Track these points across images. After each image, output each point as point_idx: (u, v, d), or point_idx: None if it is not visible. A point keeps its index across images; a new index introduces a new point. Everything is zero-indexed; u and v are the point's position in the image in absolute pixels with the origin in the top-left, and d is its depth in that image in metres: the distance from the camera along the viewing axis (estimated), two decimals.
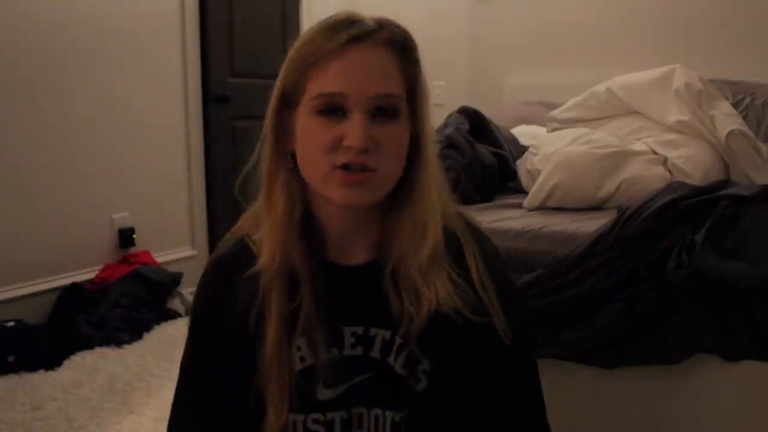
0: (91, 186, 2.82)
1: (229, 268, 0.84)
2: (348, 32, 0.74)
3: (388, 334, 0.80)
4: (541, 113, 2.63)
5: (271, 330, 0.77)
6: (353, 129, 0.72)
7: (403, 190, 0.80)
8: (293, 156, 0.80)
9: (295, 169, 0.80)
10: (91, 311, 2.58)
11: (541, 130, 2.44)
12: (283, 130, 0.80)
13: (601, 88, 2.23)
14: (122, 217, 2.95)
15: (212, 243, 3.37)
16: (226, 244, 0.87)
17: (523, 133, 2.42)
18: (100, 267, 2.84)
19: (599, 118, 2.21)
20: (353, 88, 0.73)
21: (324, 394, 0.80)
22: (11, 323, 2.42)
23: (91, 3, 2.74)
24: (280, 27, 3.73)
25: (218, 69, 3.34)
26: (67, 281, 2.70)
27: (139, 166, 3.01)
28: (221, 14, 3.33)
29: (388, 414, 0.80)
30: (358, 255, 0.83)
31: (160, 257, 3.06)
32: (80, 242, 2.78)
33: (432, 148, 0.80)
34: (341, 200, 0.75)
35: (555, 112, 2.35)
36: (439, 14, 3.56)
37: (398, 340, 0.80)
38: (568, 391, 1.49)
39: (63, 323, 2.54)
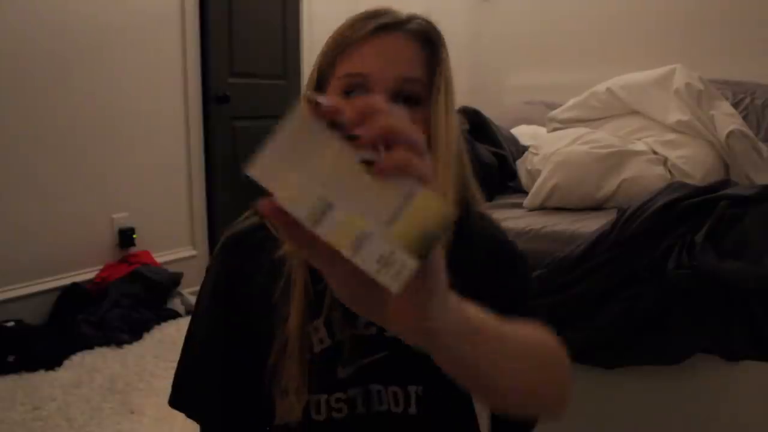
0: (91, 186, 2.82)
1: (247, 247, 0.85)
2: (377, 21, 0.78)
3: None
4: (541, 113, 2.63)
5: (295, 312, 0.78)
6: None
7: None
8: None
9: None
10: (91, 311, 2.58)
11: (541, 130, 2.44)
12: None
13: (601, 88, 2.23)
14: (122, 217, 2.95)
15: (212, 243, 3.37)
16: (240, 225, 0.87)
17: (523, 133, 2.42)
18: (100, 267, 2.84)
19: (599, 118, 2.21)
20: (377, 70, 0.76)
21: (343, 372, 0.81)
22: (11, 323, 2.42)
23: (91, 3, 2.74)
24: (280, 27, 3.73)
25: (218, 69, 3.34)
26: (67, 281, 2.70)
27: (139, 166, 3.01)
28: (221, 14, 3.33)
29: (411, 388, 0.81)
30: None
31: (160, 257, 3.06)
32: (80, 242, 2.78)
33: (448, 143, 0.80)
34: None
35: (555, 112, 2.35)
36: (440, 14, 3.52)
37: None
38: None
39: (63, 323, 2.54)
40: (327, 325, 0.81)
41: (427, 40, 0.80)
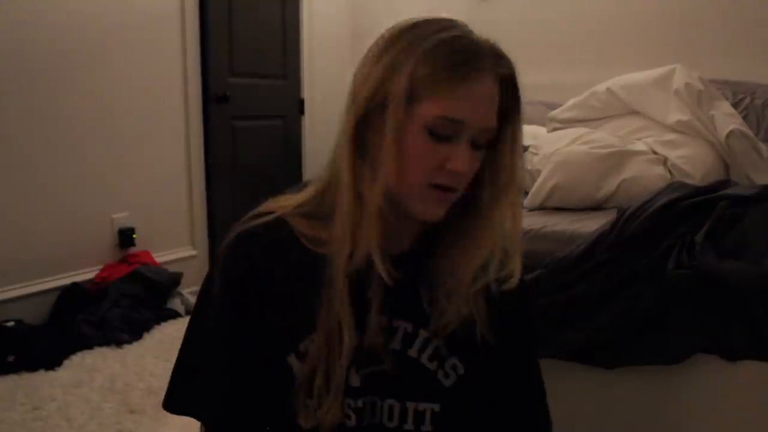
0: (91, 186, 2.82)
1: (262, 244, 0.83)
2: (474, 64, 0.76)
3: (410, 327, 0.82)
4: (541, 113, 2.63)
5: (345, 315, 0.78)
6: (462, 156, 0.75)
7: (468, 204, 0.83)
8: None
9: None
10: (91, 311, 2.58)
11: (541, 130, 2.44)
12: (366, 128, 0.78)
13: (601, 88, 2.23)
14: (122, 217, 2.95)
15: (212, 243, 3.37)
16: (252, 222, 0.85)
17: (523, 133, 2.42)
18: (100, 267, 2.84)
19: (599, 118, 2.21)
20: (475, 119, 0.75)
21: (354, 380, 0.81)
22: (11, 323, 2.42)
23: (91, 3, 2.74)
24: (280, 27, 3.73)
25: (218, 69, 3.34)
26: (67, 281, 2.70)
27: (139, 166, 3.01)
28: (221, 14, 3.33)
29: (409, 405, 0.82)
30: (400, 245, 0.84)
31: (160, 257, 3.06)
32: (80, 242, 2.78)
33: (514, 172, 0.82)
34: (423, 215, 0.78)
35: (555, 112, 2.35)
36: (439, 14, 3.54)
37: (423, 333, 0.82)
38: (568, 391, 1.49)
39: (63, 323, 2.54)
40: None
41: (509, 84, 0.81)
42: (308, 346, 0.80)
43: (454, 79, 0.74)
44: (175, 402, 0.91)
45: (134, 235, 2.97)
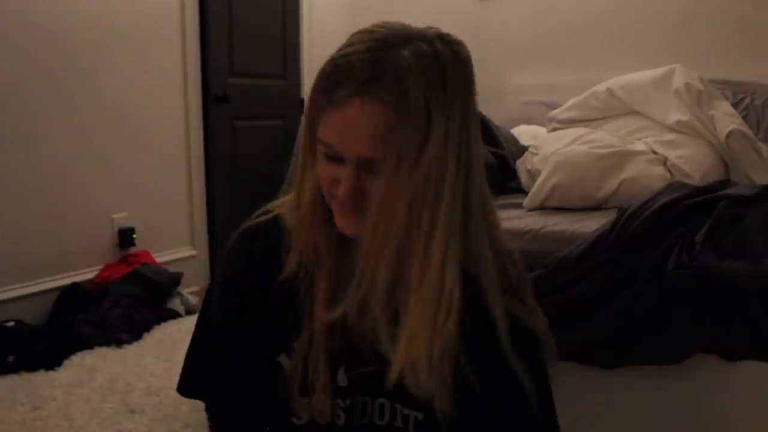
0: (91, 186, 2.82)
1: (262, 241, 0.85)
2: (339, 89, 0.70)
3: (395, 330, 0.80)
4: (541, 113, 2.63)
5: (320, 307, 0.78)
6: (344, 180, 0.73)
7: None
8: None
9: None
10: (91, 311, 2.58)
11: (541, 130, 2.44)
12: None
13: (601, 88, 2.23)
14: (122, 217, 2.95)
15: (212, 243, 3.37)
16: (255, 220, 0.88)
17: (523, 133, 2.43)
18: (100, 267, 2.84)
19: (599, 118, 2.21)
20: (342, 144, 0.71)
21: (342, 379, 0.81)
22: (11, 323, 2.42)
23: (91, 2, 2.74)
24: (280, 27, 3.73)
25: (218, 69, 3.34)
26: (67, 281, 2.70)
27: (139, 166, 3.01)
28: (221, 14, 3.33)
29: (397, 406, 0.82)
30: None
31: (160, 257, 3.06)
32: (80, 242, 2.78)
33: (381, 197, 0.71)
34: (341, 227, 0.77)
35: (555, 112, 2.35)
36: (439, 14, 3.54)
37: None
38: (568, 391, 1.49)
39: (63, 323, 2.54)
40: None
41: (398, 100, 0.68)
42: (297, 345, 0.81)
43: (323, 102, 0.72)
44: (186, 387, 0.95)
45: (134, 235, 2.97)
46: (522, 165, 2.07)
